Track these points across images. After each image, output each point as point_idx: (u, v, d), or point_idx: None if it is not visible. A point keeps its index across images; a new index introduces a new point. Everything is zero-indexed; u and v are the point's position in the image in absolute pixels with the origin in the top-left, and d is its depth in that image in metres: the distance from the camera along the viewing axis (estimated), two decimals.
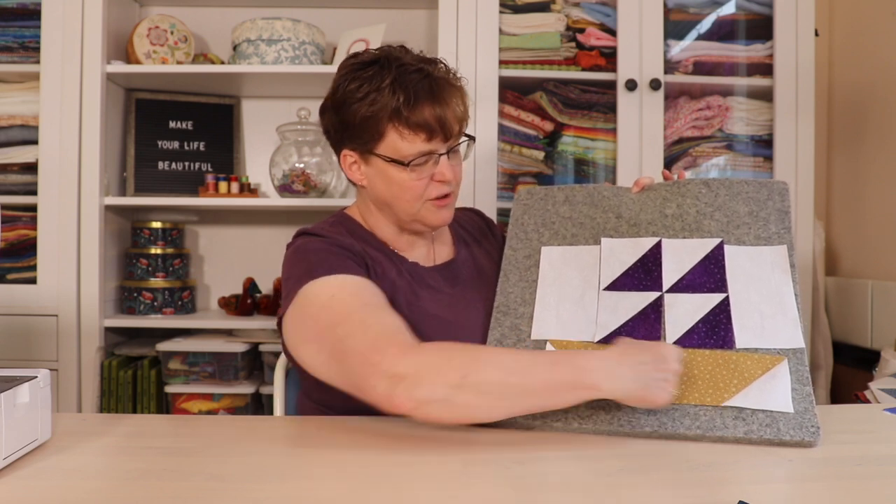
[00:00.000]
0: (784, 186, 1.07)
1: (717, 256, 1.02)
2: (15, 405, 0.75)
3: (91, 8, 1.83)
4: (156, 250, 2.01)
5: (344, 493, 0.72)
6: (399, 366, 0.84)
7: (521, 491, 0.72)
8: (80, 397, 1.84)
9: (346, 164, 1.13)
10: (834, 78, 2.19)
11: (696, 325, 0.98)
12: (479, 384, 0.84)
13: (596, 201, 1.13)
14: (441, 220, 1.11)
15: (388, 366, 0.84)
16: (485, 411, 0.86)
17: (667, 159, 1.92)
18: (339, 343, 0.91)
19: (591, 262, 1.08)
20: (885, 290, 1.89)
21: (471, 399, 0.84)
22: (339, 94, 1.08)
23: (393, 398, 0.84)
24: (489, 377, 0.84)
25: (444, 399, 0.83)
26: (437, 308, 1.10)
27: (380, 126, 1.04)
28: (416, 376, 0.83)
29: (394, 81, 1.03)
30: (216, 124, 2.13)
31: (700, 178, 1.10)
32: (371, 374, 0.86)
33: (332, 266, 1.00)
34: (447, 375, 0.83)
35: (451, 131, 1.06)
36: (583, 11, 1.92)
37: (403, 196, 1.08)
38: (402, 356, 0.85)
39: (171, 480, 0.74)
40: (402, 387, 0.83)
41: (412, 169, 1.05)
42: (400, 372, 0.84)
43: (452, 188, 1.10)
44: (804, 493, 0.74)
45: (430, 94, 1.03)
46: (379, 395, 0.85)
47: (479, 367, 0.84)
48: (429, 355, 0.86)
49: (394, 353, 0.86)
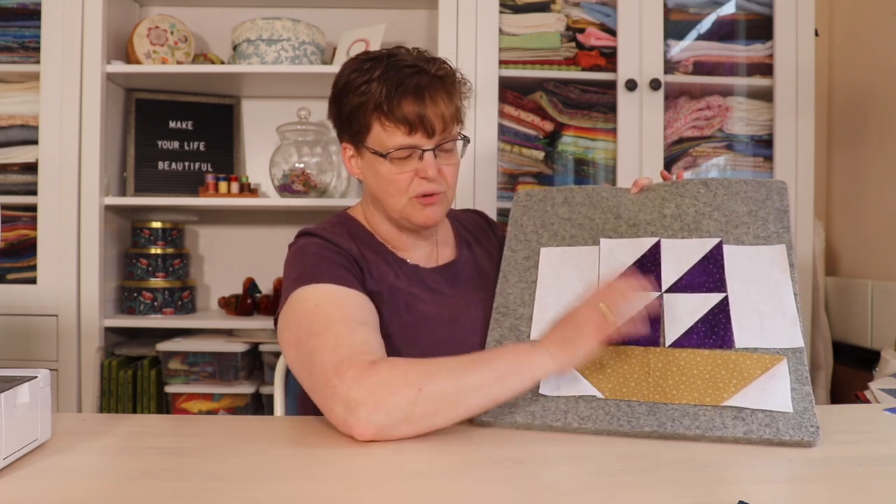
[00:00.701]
0: (783, 186, 1.07)
1: (715, 256, 1.02)
2: (15, 405, 0.75)
3: (91, 8, 1.83)
4: (156, 250, 2.01)
5: (344, 493, 0.72)
6: (354, 391, 0.85)
7: (521, 491, 0.72)
8: (80, 397, 1.84)
9: (345, 157, 1.14)
10: (834, 78, 2.19)
11: (696, 324, 0.98)
12: (434, 394, 0.86)
13: (595, 202, 1.13)
14: (425, 219, 1.09)
15: (344, 390, 0.85)
16: (442, 418, 0.87)
17: (667, 159, 1.92)
18: (309, 356, 0.92)
19: (590, 262, 1.08)
20: (885, 290, 1.89)
21: (428, 410, 0.85)
22: (339, 86, 1.10)
23: (350, 426, 0.85)
24: (441, 385, 0.87)
25: (404, 418, 0.85)
26: (438, 309, 1.10)
27: (366, 117, 1.06)
28: (374, 402, 0.84)
29: (381, 75, 1.04)
30: (216, 124, 2.13)
31: (699, 178, 1.10)
32: (330, 395, 0.87)
33: (323, 273, 1.01)
34: (402, 393, 0.85)
35: (433, 128, 1.05)
36: (583, 11, 1.92)
37: (388, 190, 1.08)
38: (358, 381, 0.85)
39: (171, 480, 0.74)
40: (359, 413, 0.84)
41: (391, 161, 1.06)
42: (355, 398, 0.85)
43: (439, 187, 1.08)
44: (804, 493, 0.74)
45: (415, 90, 1.04)
46: (336, 420, 0.87)
47: (430, 379, 0.86)
48: (382, 375, 0.86)
49: (352, 376, 0.86)
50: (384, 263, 1.11)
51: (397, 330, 1.06)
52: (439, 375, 0.87)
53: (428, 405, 0.85)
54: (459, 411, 0.88)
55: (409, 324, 1.07)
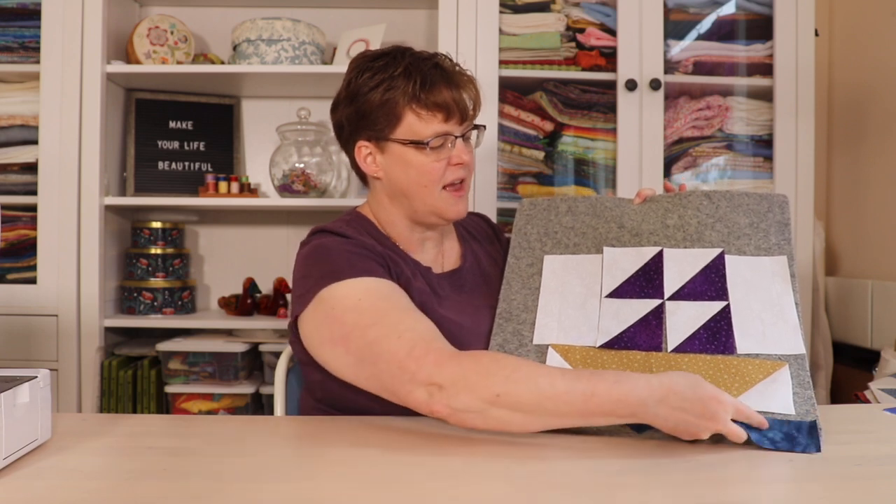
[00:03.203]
0: (784, 199, 1.09)
1: (717, 266, 1.03)
2: (15, 405, 0.75)
3: (91, 8, 1.83)
4: (156, 250, 2.01)
5: (344, 493, 0.72)
6: (437, 376, 0.86)
7: (521, 491, 0.72)
8: (80, 397, 1.84)
9: (360, 157, 1.13)
10: (834, 78, 2.19)
11: (697, 331, 0.98)
12: (514, 404, 0.84)
13: (598, 212, 1.14)
14: (456, 213, 1.12)
15: (425, 374, 0.86)
16: (517, 426, 0.87)
17: (667, 159, 1.92)
18: (369, 346, 0.92)
19: (593, 270, 1.09)
20: (885, 290, 1.89)
21: (504, 415, 0.85)
22: (353, 86, 1.10)
23: (431, 405, 0.86)
24: (523, 399, 0.84)
25: (480, 411, 0.85)
26: (448, 313, 1.10)
27: (397, 109, 1.07)
28: (454, 388, 0.85)
29: (407, 67, 1.07)
30: (216, 124, 2.13)
31: (701, 190, 1.11)
32: (408, 380, 0.87)
33: (357, 268, 1.00)
34: (483, 391, 0.84)
35: (467, 112, 1.09)
36: (583, 11, 1.92)
37: (421, 181, 1.09)
38: (440, 366, 0.86)
39: (171, 480, 0.74)
40: (439, 396, 0.85)
41: (431, 149, 1.07)
42: (437, 381, 0.86)
43: (467, 174, 1.12)
44: (804, 493, 0.74)
45: (445, 78, 1.08)
46: (416, 401, 0.88)
47: (513, 388, 0.84)
48: (466, 367, 0.86)
49: (432, 361, 0.87)
50: (401, 260, 1.11)
51: None
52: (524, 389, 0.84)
53: (504, 411, 0.84)
54: (535, 425, 0.86)
55: None
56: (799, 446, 0.84)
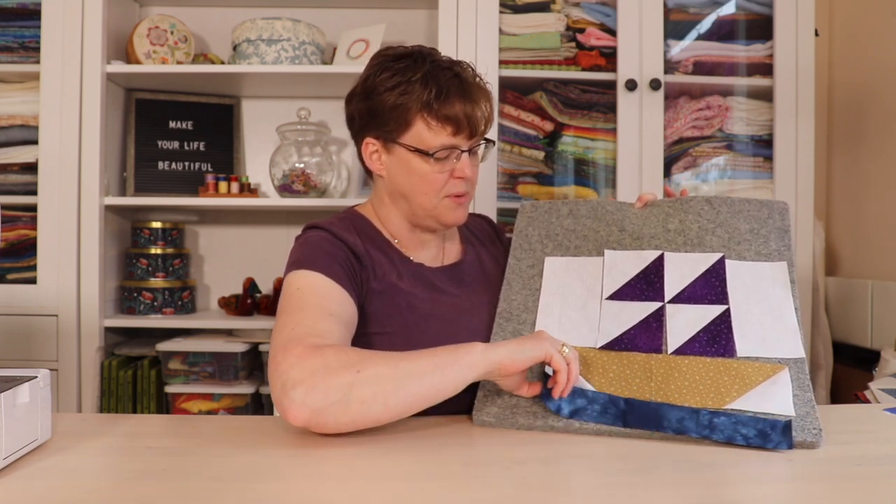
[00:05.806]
0: (784, 206, 1.10)
1: (718, 270, 1.03)
2: (15, 405, 0.75)
3: (91, 8, 1.83)
4: (156, 250, 2.01)
5: (344, 493, 0.72)
6: (295, 370, 0.85)
7: (521, 491, 0.72)
8: (80, 397, 1.84)
9: (366, 153, 1.14)
10: (834, 78, 2.19)
11: (698, 334, 0.99)
12: (371, 376, 0.85)
13: (599, 215, 1.15)
14: (455, 220, 1.13)
15: (285, 368, 0.85)
16: (381, 405, 0.85)
17: (667, 159, 1.92)
18: (275, 331, 0.94)
19: (594, 272, 1.09)
20: (885, 290, 1.89)
21: (366, 393, 0.84)
22: (370, 82, 1.10)
23: (285, 408, 0.84)
24: (379, 369, 0.85)
25: (341, 400, 0.84)
26: (440, 309, 1.11)
27: (408, 115, 1.06)
28: (311, 382, 0.84)
29: (426, 74, 1.06)
30: (216, 124, 2.13)
31: (702, 195, 1.12)
32: (272, 372, 0.88)
33: (316, 263, 1.02)
34: (341, 374, 0.84)
35: (477, 128, 1.09)
36: (583, 11, 1.92)
37: (422, 188, 1.09)
38: (301, 359, 0.85)
39: (171, 480, 0.74)
40: (293, 394, 0.83)
41: (436, 160, 1.07)
42: (294, 377, 0.84)
43: (470, 188, 1.12)
44: (804, 493, 0.74)
45: (461, 91, 1.07)
46: (275, 399, 0.87)
47: (369, 363, 0.86)
48: (325, 358, 0.86)
49: (296, 354, 0.86)
50: (388, 261, 1.11)
51: (399, 329, 1.07)
52: (379, 359, 0.87)
53: (365, 387, 0.84)
54: (399, 397, 0.86)
55: (411, 323, 1.07)
56: (771, 443, 0.84)
